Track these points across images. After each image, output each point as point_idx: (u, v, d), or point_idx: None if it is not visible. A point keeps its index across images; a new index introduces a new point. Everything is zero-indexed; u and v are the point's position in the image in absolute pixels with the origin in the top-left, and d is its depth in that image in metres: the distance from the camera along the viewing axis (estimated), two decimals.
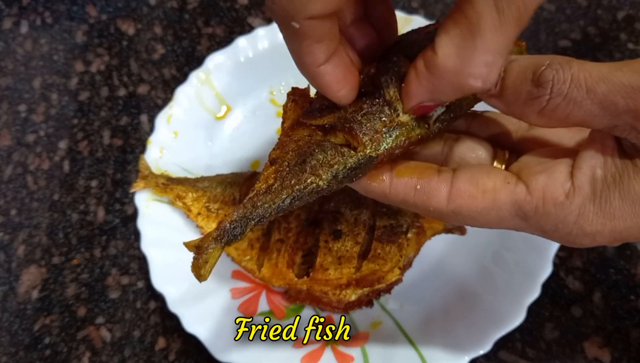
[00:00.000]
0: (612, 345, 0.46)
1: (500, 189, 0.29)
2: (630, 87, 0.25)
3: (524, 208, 0.29)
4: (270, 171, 0.32)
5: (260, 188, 0.31)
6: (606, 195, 0.28)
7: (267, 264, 0.47)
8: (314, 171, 0.31)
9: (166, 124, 0.54)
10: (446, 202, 0.30)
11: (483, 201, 0.30)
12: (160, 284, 0.47)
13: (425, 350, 0.44)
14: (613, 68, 0.26)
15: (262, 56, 0.57)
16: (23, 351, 0.49)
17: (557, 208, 0.28)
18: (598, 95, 0.26)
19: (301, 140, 0.32)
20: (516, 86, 0.28)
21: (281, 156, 0.32)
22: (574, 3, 0.63)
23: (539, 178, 0.29)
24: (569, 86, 0.26)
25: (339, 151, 0.31)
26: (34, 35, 0.65)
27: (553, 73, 0.27)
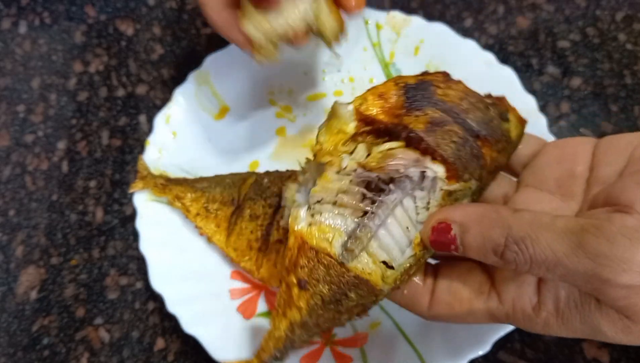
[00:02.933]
0: (611, 345, 0.46)
1: (474, 299, 0.32)
2: (587, 276, 0.26)
3: (496, 315, 0.31)
4: (303, 301, 0.31)
5: (295, 320, 0.32)
6: (567, 316, 0.29)
7: (266, 264, 0.47)
8: (348, 311, 0.32)
9: (165, 124, 0.54)
10: (427, 310, 0.33)
11: (460, 309, 0.32)
12: (159, 285, 0.47)
13: (424, 350, 0.44)
14: (569, 251, 0.26)
15: None
16: (21, 352, 0.49)
17: (525, 319, 0.30)
18: (557, 275, 0.27)
19: (332, 268, 0.31)
20: (480, 256, 0.30)
21: (311, 283, 0.31)
22: (572, 3, 0.63)
23: (509, 288, 0.31)
24: (530, 266, 0.28)
25: (373, 292, 0.31)
26: (33, 36, 0.65)
27: (514, 257, 0.28)
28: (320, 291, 0.31)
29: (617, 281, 0.25)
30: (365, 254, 0.31)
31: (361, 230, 0.31)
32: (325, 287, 0.31)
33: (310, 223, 0.32)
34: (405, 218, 0.32)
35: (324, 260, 0.31)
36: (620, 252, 0.25)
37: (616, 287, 0.26)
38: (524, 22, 0.62)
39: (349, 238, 0.31)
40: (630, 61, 0.59)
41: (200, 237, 0.50)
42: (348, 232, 0.31)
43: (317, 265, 0.31)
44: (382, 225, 0.31)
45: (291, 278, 0.32)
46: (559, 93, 0.58)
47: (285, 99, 0.58)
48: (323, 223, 0.32)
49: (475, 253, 0.30)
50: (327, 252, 0.31)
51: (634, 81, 0.58)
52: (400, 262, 0.32)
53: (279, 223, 0.47)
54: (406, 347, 0.44)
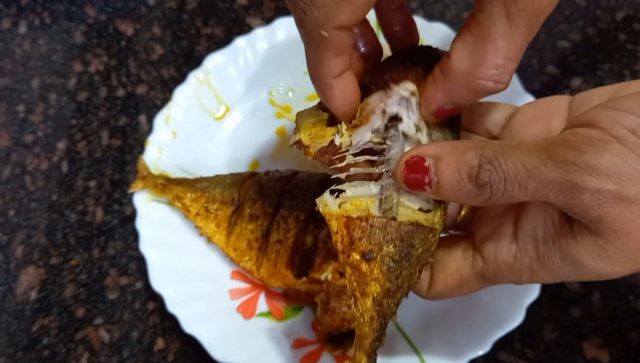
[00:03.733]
0: (611, 345, 0.46)
1: (463, 268, 0.33)
2: (558, 185, 0.27)
3: (486, 276, 0.32)
4: (377, 271, 0.31)
5: (377, 293, 0.31)
6: (548, 256, 0.30)
7: (266, 264, 0.47)
8: (419, 261, 0.31)
9: (165, 124, 0.54)
10: (426, 291, 0.35)
11: (453, 282, 0.33)
12: (159, 285, 0.47)
13: (424, 350, 0.44)
14: (539, 161, 0.27)
15: (261, 56, 0.57)
16: (21, 352, 0.49)
17: (510, 270, 0.31)
18: (530, 191, 0.27)
19: (387, 226, 0.31)
20: (454, 188, 0.30)
21: (375, 250, 0.31)
22: (573, 3, 0.63)
23: (489, 246, 0.32)
24: (504, 186, 0.28)
25: (432, 231, 0.31)
26: (33, 36, 0.65)
27: (488, 175, 0.28)
28: (388, 253, 0.31)
29: (585, 185, 0.26)
30: (402, 208, 0.31)
31: (386, 189, 0.31)
32: (390, 247, 0.30)
33: (340, 204, 0.31)
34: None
35: (377, 222, 0.31)
36: (586, 158, 0.26)
37: (585, 193, 0.26)
38: None
39: (381, 201, 0.31)
40: (630, 60, 0.59)
41: (200, 237, 0.50)
42: (376, 195, 0.31)
43: (373, 230, 0.31)
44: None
45: (353, 257, 0.31)
46: (559, 93, 0.58)
47: (285, 99, 0.58)
48: (351, 198, 0.31)
49: (449, 184, 0.30)
50: (374, 216, 0.31)
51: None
52: (432, 201, 0.32)
53: (279, 223, 0.48)
54: (406, 346, 0.44)
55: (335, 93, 0.32)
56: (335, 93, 0.32)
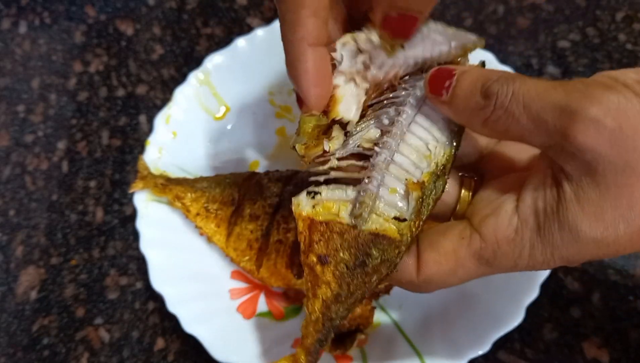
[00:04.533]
0: (610, 345, 0.46)
1: (459, 248, 0.31)
2: (559, 108, 0.27)
3: (484, 256, 0.31)
4: (329, 275, 0.31)
5: (327, 297, 0.31)
6: (548, 226, 0.29)
7: (266, 264, 0.47)
8: (376, 270, 0.31)
9: (165, 124, 0.54)
10: (416, 274, 0.32)
11: (447, 264, 0.31)
12: (159, 284, 0.47)
13: (424, 350, 0.44)
14: (550, 86, 0.28)
15: (261, 56, 0.57)
16: (21, 352, 0.49)
17: (511, 246, 0.30)
18: (532, 112, 0.28)
19: (346, 233, 0.31)
20: (466, 96, 0.30)
21: (331, 254, 0.31)
22: (572, 3, 0.63)
23: (488, 223, 0.31)
24: (509, 100, 0.28)
25: (395, 243, 0.31)
26: (33, 36, 0.65)
27: (498, 87, 0.29)
28: (342, 259, 0.31)
29: (585, 112, 0.26)
30: (374, 215, 0.31)
31: (363, 195, 0.31)
32: (345, 253, 0.31)
33: (313, 205, 0.32)
34: (400, 172, 0.32)
35: (336, 228, 0.31)
36: (594, 90, 0.27)
37: (583, 121, 0.26)
38: (523, 22, 0.62)
39: (354, 206, 0.31)
40: (630, 61, 0.59)
41: (201, 237, 0.50)
42: (351, 201, 0.32)
43: (331, 235, 0.31)
44: (381, 185, 0.32)
45: (310, 258, 0.32)
46: None
47: (285, 99, 0.58)
48: (325, 200, 0.32)
49: (463, 91, 0.30)
50: (338, 221, 0.31)
51: None
52: (410, 211, 0.32)
53: (279, 224, 0.48)
54: (406, 346, 0.44)
55: (309, 66, 0.30)
56: (308, 66, 0.30)
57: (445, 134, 0.33)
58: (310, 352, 0.32)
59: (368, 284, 0.32)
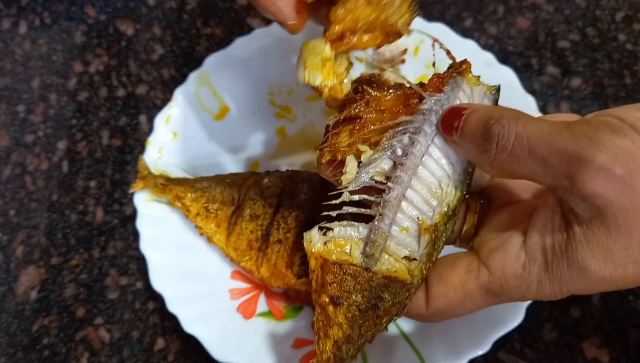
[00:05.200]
0: (610, 345, 0.46)
1: (467, 281, 0.32)
2: (567, 154, 0.27)
3: (491, 289, 0.31)
4: (341, 317, 0.32)
5: (338, 337, 0.32)
6: (556, 264, 0.29)
7: (266, 264, 0.47)
8: (387, 312, 0.32)
9: (165, 124, 0.54)
10: (425, 308, 0.33)
11: (455, 296, 0.32)
12: (159, 284, 0.47)
13: (424, 350, 0.44)
14: (555, 130, 0.27)
15: (261, 56, 0.57)
16: (22, 352, 0.49)
17: (518, 281, 0.30)
18: (538, 157, 0.28)
19: (359, 276, 0.32)
20: (471, 137, 0.30)
21: (343, 297, 0.32)
22: (572, 4, 0.63)
23: (496, 257, 0.31)
24: (512, 143, 0.28)
25: (405, 286, 0.32)
26: (33, 36, 0.65)
27: (499, 129, 0.28)
28: (355, 301, 0.31)
29: (593, 159, 0.26)
30: (386, 254, 0.32)
31: (375, 234, 0.32)
32: (358, 296, 0.31)
33: (325, 242, 0.32)
34: (412, 210, 0.32)
35: (349, 270, 0.32)
36: (601, 135, 0.26)
37: (592, 168, 0.26)
38: (523, 22, 0.62)
39: (366, 244, 0.32)
40: (630, 61, 0.59)
41: (201, 237, 0.50)
42: (363, 239, 0.32)
43: (344, 277, 0.32)
44: (393, 223, 0.32)
45: (323, 298, 0.32)
46: (559, 93, 0.58)
47: (285, 99, 0.58)
48: (337, 238, 0.32)
49: (469, 129, 0.30)
50: (350, 262, 0.32)
51: (633, 81, 0.58)
52: (421, 252, 0.32)
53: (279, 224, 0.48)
54: (406, 347, 0.44)
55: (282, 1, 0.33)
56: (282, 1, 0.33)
57: (458, 171, 0.33)
58: None
59: (379, 325, 0.32)
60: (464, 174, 0.33)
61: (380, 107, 0.34)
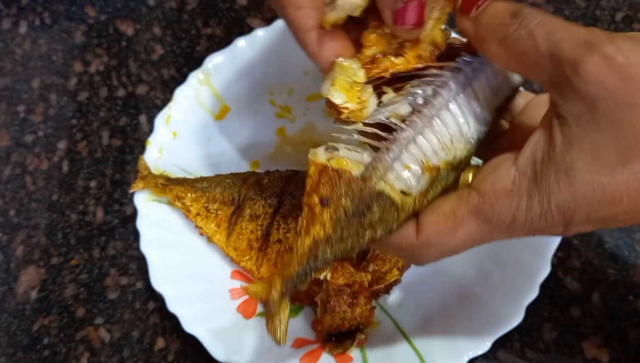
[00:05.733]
0: (610, 345, 0.46)
1: (457, 206, 0.31)
2: (580, 40, 0.27)
3: (482, 211, 0.30)
4: (326, 216, 0.32)
5: (319, 236, 0.32)
6: (544, 173, 0.29)
7: (266, 264, 0.47)
8: (371, 226, 0.32)
9: (165, 124, 0.54)
10: (415, 237, 0.32)
11: (446, 223, 0.31)
12: (160, 284, 0.47)
13: (423, 350, 0.44)
14: (577, 25, 0.28)
15: (261, 56, 0.57)
16: (22, 352, 0.49)
17: (508, 197, 0.29)
18: (553, 39, 0.28)
19: (353, 183, 0.32)
20: (495, 14, 0.30)
21: (333, 199, 0.32)
22: (572, 4, 0.63)
23: (487, 180, 0.31)
24: (536, 23, 0.29)
25: (394, 207, 0.32)
26: (33, 36, 0.65)
27: (529, 12, 0.29)
28: (344, 204, 0.32)
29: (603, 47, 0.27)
30: (382, 182, 0.32)
31: (377, 161, 0.32)
32: (347, 200, 0.32)
33: (328, 158, 0.32)
34: (418, 153, 0.32)
35: (345, 176, 0.32)
36: (616, 36, 0.27)
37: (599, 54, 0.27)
38: None
39: (366, 169, 0.32)
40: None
41: (201, 237, 0.50)
42: (365, 164, 0.32)
43: (339, 182, 0.32)
44: (397, 159, 0.32)
45: (313, 198, 0.32)
46: None
47: (285, 99, 0.58)
48: (341, 157, 0.32)
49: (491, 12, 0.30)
50: (349, 171, 0.32)
51: None
52: (417, 189, 0.32)
53: (279, 224, 0.48)
54: (406, 346, 0.44)
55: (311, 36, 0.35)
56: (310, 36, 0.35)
57: (472, 131, 0.33)
58: (286, 282, 0.33)
59: (360, 237, 0.32)
60: (478, 134, 0.33)
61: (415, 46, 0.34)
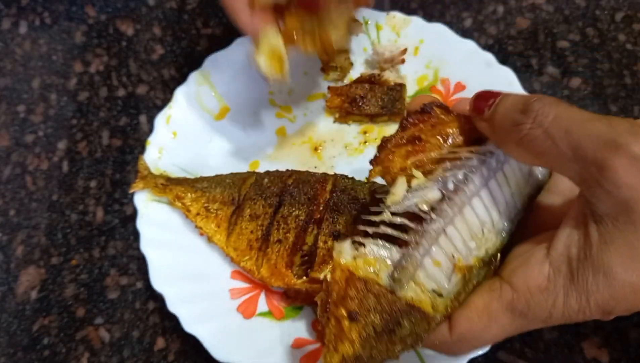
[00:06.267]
0: (610, 345, 0.46)
1: (490, 302, 0.30)
2: (603, 139, 0.26)
3: (517, 307, 0.30)
4: (355, 334, 0.31)
5: (347, 354, 0.31)
6: (581, 272, 0.28)
7: (266, 264, 0.47)
8: (402, 341, 0.31)
9: (165, 124, 0.54)
10: (449, 335, 0.31)
11: (479, 319, 0.30)
12: (159, 284, 0.47)
13: (423, 350, 0.44)
14: (595, 118, 0.27)
15: None
16: (22, 352, 0.49)
17: (544, 294, 0.29)
18: (573, 138, 0.27)
19: (382, 297, 0.31)
20: (506, 113, 0.30)
21: (362, 314, 0.31)
22: (572, 4, 0.63)
23: (519, 273, 0.30)
24: (550, 121, 0.28)
25: (426, 318, 0.31)
26: (33, 36, 0.65)
27: (540, 105, 0.28)
28: (372, 322, 0.31)
29: (629, 147, 0.25)
30: (413, 283, 0.31)
31: (406, 260, 0.31)
32: (377, 317, 0.30)
33: (354, 257, 0.31)
34: (449, 246, 0.31)
35: (374, 289, 0.31)
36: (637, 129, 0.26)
37: (626, 156, 0.25)
38: (523, 23, 0.62)
39: (395, 269, 0.31)
40: (629, 61, 0.59)
41: (201, 237, 0.50)
42: (394, 263, 0.31)
43: (367, 295, 0.31)
44: (427, 254, 0.31)
45: (340, 311, 0.31)
46: (559, 93, 0.58)
47: (286, 99, 0.58)
48: (368, 255, 0.31)
49: (503, 108, 0.30)
50: (376, 282, 0.31)
51: (633, 81, 0.58)
52: (449, 289, 0.31)
53: (279, 224, 0.48)
54: None
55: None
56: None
57: (503, 220, 0.32)
58: None
59: (391, 353, 0.31)
60: (510, 224, 0.32)
61: (443, 132, 0.33)
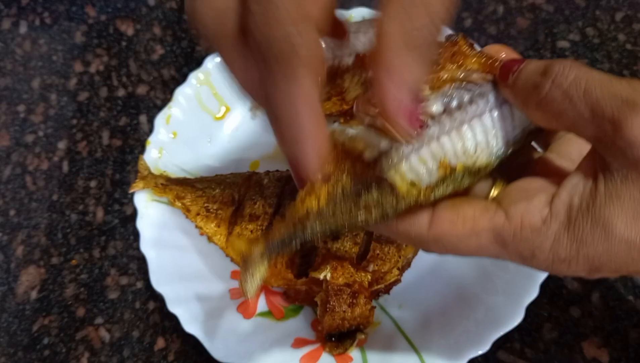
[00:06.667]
0: (610, 345, 0.46)
1: (480, 217, 0.30)
2: (621, 99, 0.26)
3: (502, 234, 0.29)
4: (324, 190, 0.30)
5: (312, 208, 0.31)
6: (579, 222, 0.28)
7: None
8: (367, 208, 0.31)
9: (165, 124, 0.54)
10: (427, 228, 0.31)
11: (463, 228, 0.30)
12: (159, 284, 0.47)
13: (423, 350, 0.44)
14: (615, 79, 0.27)
15: None
16: (22, 351, 0.49)
17: (533, 234, 0.29)
18: (592, 98, 0.27)
19: (359, 163, 0.30)
20: (528, 77, 0.30)
21: (335, 176, 0.30)
22: (572, 4, 0.63)
23: (518, 205, 0.29)
24: (569, 82, 0.27)
25: (394, 194, 0.31)
26: (33, 36, 0.65)
27: (559, 68, 0.28)
28: (343, 182, 0.30)
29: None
30: (394, 171, 0.31)
31: (394, 151, 0.31)
32: (348, 178, 0.30)
33: (343, 132, 0.31)
34: (438, 150, 0.31)
35: (353, 155, 0.30)
36: None
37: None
38: (523, 23, 0.62)
39: (380, 155, 0.31)
40: (630, 61, 0.59)
41: (201, 237, 0.50)
42: (380, 149, 0.31)
43: (346, 159, 0.31)
44: (415, 151, 0.31)
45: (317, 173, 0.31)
46: None
47: None
48: (356, 135, 0.31)
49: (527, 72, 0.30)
50: (359, 151, 0.30)
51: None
52: (426, 183, 0.31)
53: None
54: (406, 346, 0.44)
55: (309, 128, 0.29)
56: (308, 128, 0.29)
57: (498, 147, 0.32)
58: (269, 244, 0.31)
59: (353, 217, 0.31)
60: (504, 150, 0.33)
61: (462, 63, 0.33)
